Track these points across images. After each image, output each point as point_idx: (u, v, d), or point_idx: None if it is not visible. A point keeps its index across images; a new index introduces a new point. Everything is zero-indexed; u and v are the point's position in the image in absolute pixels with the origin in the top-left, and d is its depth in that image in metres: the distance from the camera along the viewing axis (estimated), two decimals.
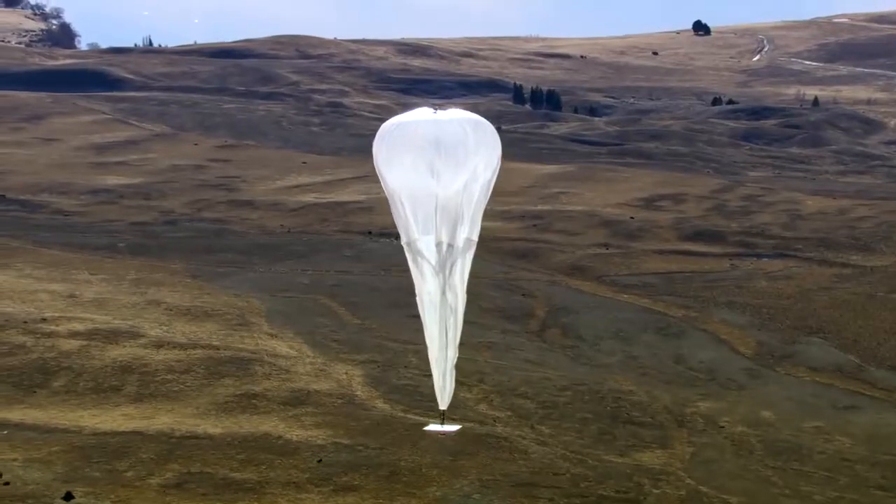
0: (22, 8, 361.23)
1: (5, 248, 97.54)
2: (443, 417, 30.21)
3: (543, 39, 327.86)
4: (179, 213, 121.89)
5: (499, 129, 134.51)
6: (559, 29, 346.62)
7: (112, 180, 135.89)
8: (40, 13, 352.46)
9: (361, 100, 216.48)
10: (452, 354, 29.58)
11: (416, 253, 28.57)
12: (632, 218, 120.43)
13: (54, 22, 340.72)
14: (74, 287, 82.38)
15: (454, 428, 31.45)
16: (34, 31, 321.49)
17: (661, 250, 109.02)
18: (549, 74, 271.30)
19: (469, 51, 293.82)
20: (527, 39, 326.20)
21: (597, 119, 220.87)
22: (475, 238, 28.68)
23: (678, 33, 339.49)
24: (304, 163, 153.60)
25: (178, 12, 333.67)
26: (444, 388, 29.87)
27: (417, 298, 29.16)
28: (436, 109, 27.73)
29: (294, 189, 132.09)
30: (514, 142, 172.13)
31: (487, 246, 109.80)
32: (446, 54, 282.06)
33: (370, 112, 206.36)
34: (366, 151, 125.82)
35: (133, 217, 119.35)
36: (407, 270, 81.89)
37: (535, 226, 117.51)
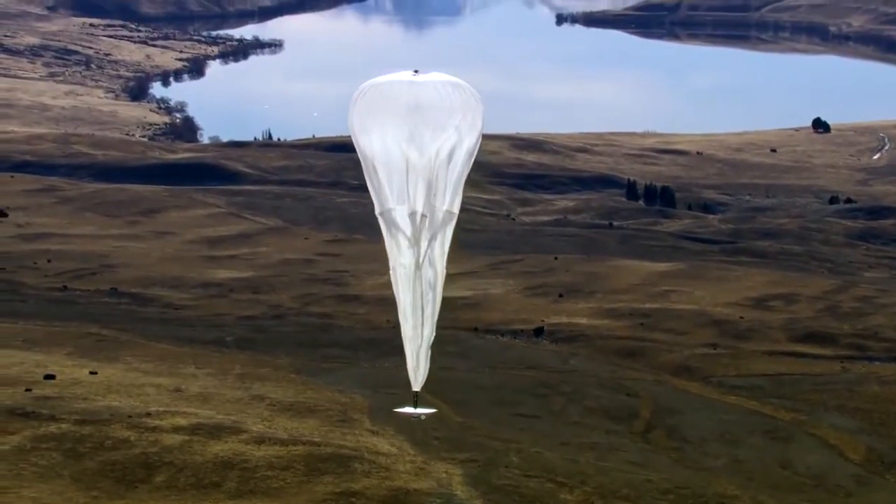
0: (147, 102, 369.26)
1: (115, 341, 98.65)
2: (415, 400, 29.41)
3: (660, 135, 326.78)
4: (287, 308, 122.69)
5: (610, 226, 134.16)
6: (676, 125, 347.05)
7: (222, 274, 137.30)
8: (165, 107, 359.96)
9: (474, 194, 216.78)
10: (429, 333, 28.66)
11: (391, 223, 27.68)
12: (741, 318, 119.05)
13: (178, 115, 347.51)
14: (181, 381, 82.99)
15: (427, 411, 30.49)
16: (158, 124, 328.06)
17: (771, 351, 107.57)
18: (664, 170, 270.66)
19: (584, 146, 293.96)
20: (643, 135, 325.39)
21: (711, 216, 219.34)
22: (456, 210, 27.73)
23: (797, 130, 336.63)
24: None
25: (299, 105, 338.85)
26: (417, 369, 29.04)
27: (391, 271, 28.27)
28: (416, 72, 27.05)
29: None
30: (625, 238, 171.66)
31: (593, 344, 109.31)
32: (561, 149, 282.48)
33: (483, 207, 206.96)
34: (475, 247, 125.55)
35: (241, 311, 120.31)
36: (513, 368, 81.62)
37: (642, 324, 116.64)
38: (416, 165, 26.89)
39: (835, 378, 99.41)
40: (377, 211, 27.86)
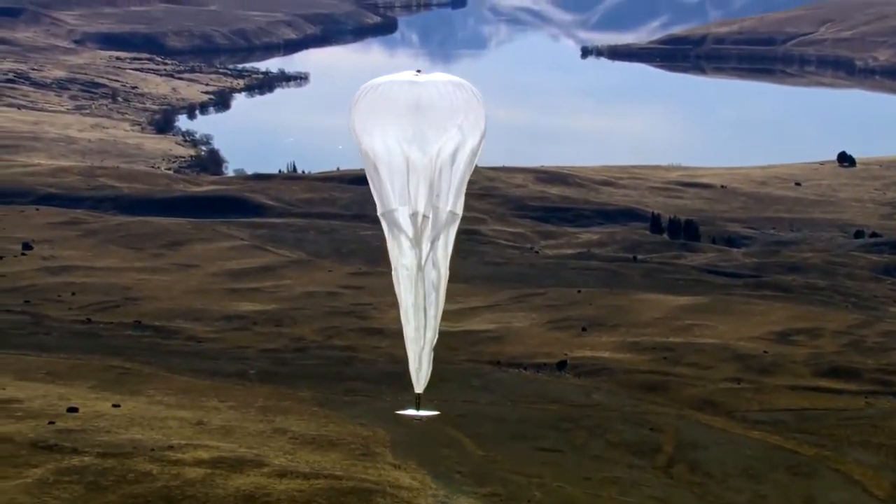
0: (173, 134, 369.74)
1: (138, 374, 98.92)
2: (418, 402, 29.25)
3: (685, 168, 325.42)
4: (309, 341, 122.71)
5: (633, 260, 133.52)
6: (701, 158, 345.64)
7: (246, 307, 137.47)
8: (190, 140, 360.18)
9: (498, 227, 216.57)
10: (432, 335, 28.39)
11: (393, 224, 27.59)
12: (765, 352, 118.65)
13: (203, 148, 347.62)
14: (203, 414, 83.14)
15: (429, 413, 30.32)
16: (183, 157, 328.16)
17: (794, 386, 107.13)
18: (688, 204, 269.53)
19: (609, 179, 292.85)
20: (667, 168, 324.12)
21: (735, 250, 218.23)
22: (459, 212, 27.58)
23: (822, 164, 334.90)
24: None
25: (324, 138, 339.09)
26: (419, 370, 28.81)
27: (393, 273, 28.15)
28: (418, 71, 26.95)
29: None
30: (649, 272, 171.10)
31: (616, 378, 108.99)
32: (585, 182, 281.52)
33: (506, 240, 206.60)
34: (498, 280, 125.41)
35: (264, 344, 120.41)
36: (536, 402, 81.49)
37: (665, 358, 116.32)
38: (418, 165, 26.84)
39: (859, 413, 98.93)
40: (379, 212, 27.90)
